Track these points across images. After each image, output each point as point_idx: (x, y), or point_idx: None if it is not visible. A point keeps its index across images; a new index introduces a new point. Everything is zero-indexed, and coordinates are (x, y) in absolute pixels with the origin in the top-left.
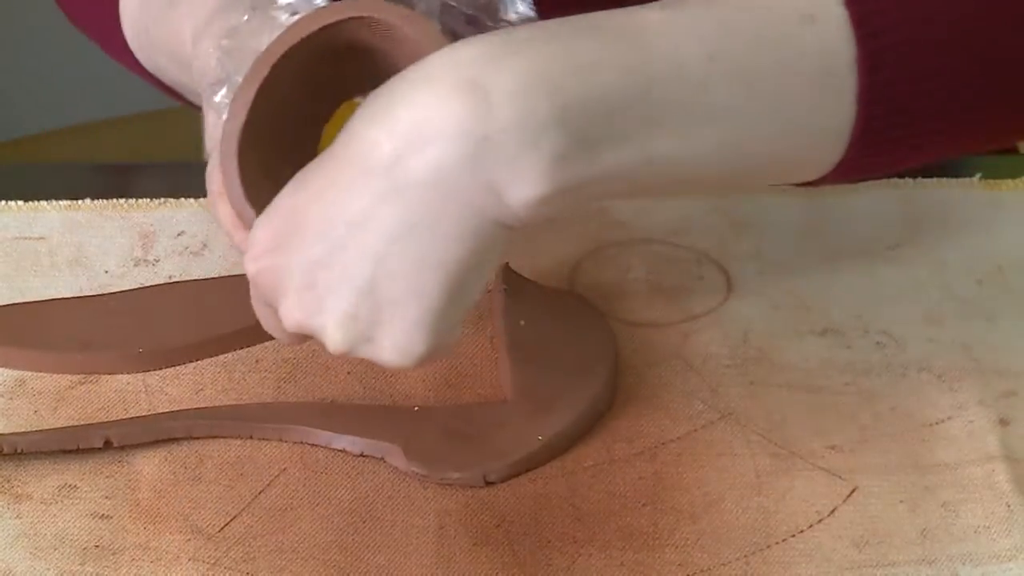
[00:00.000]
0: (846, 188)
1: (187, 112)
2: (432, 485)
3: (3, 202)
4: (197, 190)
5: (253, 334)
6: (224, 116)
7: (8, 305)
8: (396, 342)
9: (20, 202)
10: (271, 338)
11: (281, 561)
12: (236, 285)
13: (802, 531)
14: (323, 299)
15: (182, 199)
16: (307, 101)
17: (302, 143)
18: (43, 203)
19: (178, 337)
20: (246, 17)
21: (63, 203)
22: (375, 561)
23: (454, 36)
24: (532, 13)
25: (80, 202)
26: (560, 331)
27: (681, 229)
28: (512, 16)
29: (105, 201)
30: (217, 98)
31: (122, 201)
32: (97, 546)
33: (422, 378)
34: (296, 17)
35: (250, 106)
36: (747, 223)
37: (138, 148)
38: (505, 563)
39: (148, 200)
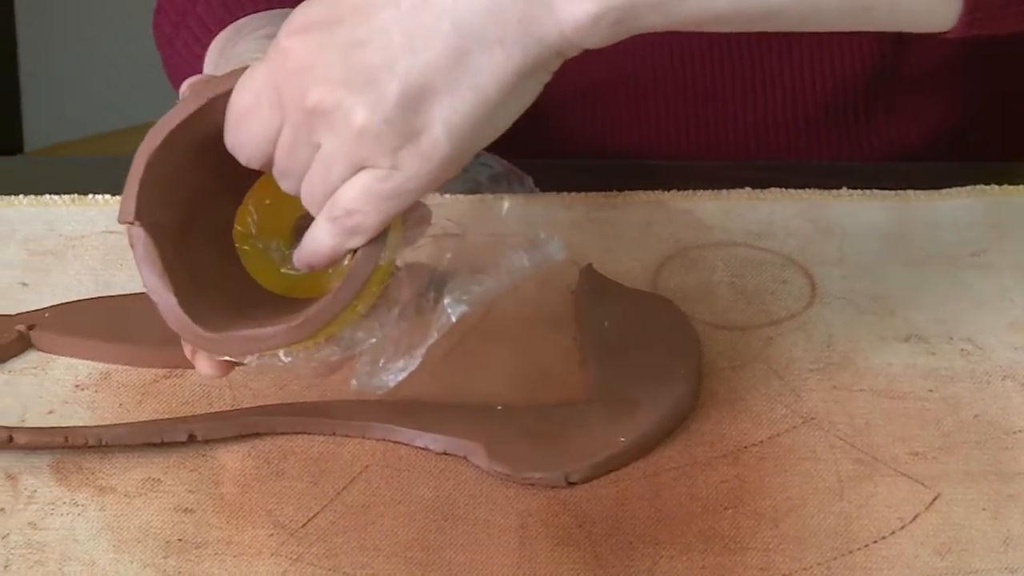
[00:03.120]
0: (932, 194)
1: None
2: (514, 485)
3: (91, 195)
4: None
5: None
6: None
7: (95, 298)
8: (420, 144)
9: (108, 195)
10: None
11: (363, 558)
12: None
13: (884, 537)
14: (356, 77)
15: None
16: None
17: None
18: None
19: None
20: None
21: None
22: (457, 559)
23: None
24: None
25: None
26: (643, 333)
27: (765, 232)
28: None
29: None
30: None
31: None
32: (180, 540)
33: (505, 378)
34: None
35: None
36: (832, 227)
37: None
38: (587, 563)
39: None
